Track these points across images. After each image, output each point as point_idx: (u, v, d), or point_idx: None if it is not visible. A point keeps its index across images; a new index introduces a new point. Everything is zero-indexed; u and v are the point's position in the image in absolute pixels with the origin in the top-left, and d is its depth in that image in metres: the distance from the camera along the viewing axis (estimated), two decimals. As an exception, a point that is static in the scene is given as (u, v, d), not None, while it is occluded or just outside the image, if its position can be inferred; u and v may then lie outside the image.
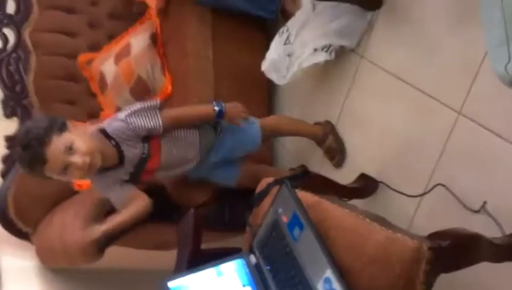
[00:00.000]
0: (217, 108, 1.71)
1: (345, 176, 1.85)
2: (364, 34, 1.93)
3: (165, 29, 2.44)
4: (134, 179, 1.67)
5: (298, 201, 1.13)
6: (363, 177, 1.83)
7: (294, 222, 1.12)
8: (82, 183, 2.06)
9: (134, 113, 1.62)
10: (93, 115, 2.45)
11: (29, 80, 2.36)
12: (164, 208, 1.88)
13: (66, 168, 1.47)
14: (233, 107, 1.75)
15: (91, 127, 1.64)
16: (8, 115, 2.25)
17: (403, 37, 1.77)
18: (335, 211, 1.15)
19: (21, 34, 2.40)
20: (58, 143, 1.46)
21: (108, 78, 2.42)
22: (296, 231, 1.11)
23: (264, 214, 1.24)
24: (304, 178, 1.43)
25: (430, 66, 1.66)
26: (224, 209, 2.04)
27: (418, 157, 1.67)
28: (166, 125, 1.65)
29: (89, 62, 2.51)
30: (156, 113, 1.64)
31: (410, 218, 1.67)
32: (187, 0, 2.25)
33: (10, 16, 2.42)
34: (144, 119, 1.62)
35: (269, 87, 2.39)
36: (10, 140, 2.20)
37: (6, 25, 2.39)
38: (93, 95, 2.52)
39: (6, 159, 2.15)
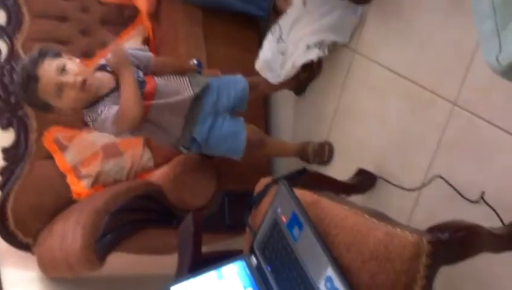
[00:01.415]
0: (195, 61, 1.90)
1: (342, 172, 1.84)
2: (356, 28, 1.92)
3: (157, 33, 2.44)
4: None
5: (297, 200, 1.13)
6: (361, 172, 1.83)
7: (294, 222, 1.12)
8: (81, 191, 2.06)
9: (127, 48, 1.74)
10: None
11: (24, 90, 2.34)
12: (164, 212, 1.88)
13: (60, 89, 1.55)
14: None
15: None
16: (4, 126, 2.24)
17: (395, 29, 1.77)
18: (334, 208, 1.15)
19: (13, 45, 2.39)
20: (51, 64, 1.56)
21: (103, 84, 2.41)
22: (296, 231, 1.11)
23: (263, 214, 1.24)
24: (302, 176, 1.43)
25: (424, 57, 1.66)
26: (224, 211, 2.04)
27: (415, 150, 1.67)
28: (155, 63, 1.81)
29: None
30: (146, 51, 1.83)
31: (410, 212, 1.66)
32: (177, 2, 2.24)
33: (1, 27, 2.41)
34: (135, 50, 1.79)
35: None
36: (7, 151, 2.20)
37: (-2, 37, 2.39)
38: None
39: (4, 171, 2.14)
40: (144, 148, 2.24)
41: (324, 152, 2.05)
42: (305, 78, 2.16)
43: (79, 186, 2.07)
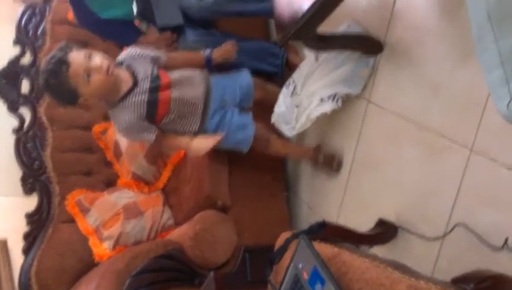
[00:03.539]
0: (206, 53, 2.05)
1: (362, 223, 1.82)
2: (369, 79, 1.95)
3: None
4: (153, 100, 1.83)
5: (317, 255, 1.12)
6: (381, 222, 1.81)
7: (316, 277, 1.10)
8: (103, 254, 2.07)
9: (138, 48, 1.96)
10: (110, 183, 2.48)
11: (47, 155, 2.41)
12: (185, 271, 1.87)
13: (88, 74, 1.70)
14: (220, 50, 2.08)
15: None
16: (28, 191, 2.28)
17: (407, 78, 1.78)
18: (355, 262, 1.13)
19: (36, 112, 2.47)
20: (79, 52, 1.73)
21: (122, 146, 2.47)
22: (318, 287, 1.09)
23: (284, 270, 1.22)
24: (321, 229, 1.42)
25: (437, 104, 1.66)
26: (246, 267, 2.02)
27: (435, 197, 1.65)
28: (167, 59, 1.98)
29: (104, 132, 2.57)
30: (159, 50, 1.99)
31: (433, 261, 1.63)
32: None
33: (25, 96, 2.50)
34: (147, 50, 1.94)
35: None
36: (30, 216, 2.23)
37: (22, 104, 2.47)
38: (109, 164, 2.56)
39: (28, 236, 2.17)
40: (164, 207, 2.26)
41: (333, 163, 2.10)
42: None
43: (101, 249, 2.09)
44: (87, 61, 1.70)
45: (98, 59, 1.73)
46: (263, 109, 2.12)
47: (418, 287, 0.97)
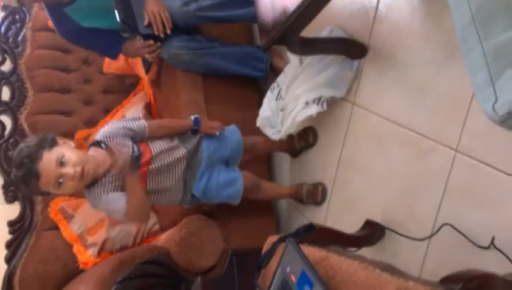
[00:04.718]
0: (193, 117, 1.90)
1: (350, 225, 1.83)
2: (354, 82, 1.96)
3: (159, 99, 2.49)
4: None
5: (305, 258, 1.11)
6: (369, 223, 1.81)
7: (304, 281, 1.10)
8: (87, 261, 2.04)
9: (121, 120, 1.81)
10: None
11: (28, 162, 2.36)
12: (171, 276, 1.85)
13: (59, 180, 1.57)
14: (207, 123, 1.96)
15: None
16: (10, 200, 2.25)
17: (392, 80, 1.80)
18: (344, 264, 1.13)
19: (17, 119, 2.44)
20: (49, 157, 1.56)
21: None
22: (307, 290, 1.09)
23: (272, 274, 1.22)
24: (309, 232, 1.41)
25: (422, 106, 1.67)
26: (233, 272, 2.01)
27: (421, 198, 1.66)
28: (150, 130, 1.81)
29: (86, 138, 2.53)
30: (140, 119, 1.83)
31: (421, 262, 1.64)
32: (177, 69, 2.29)
33: (6, 103, 2.46)
34: (130, 122, 1.79)
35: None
36: (13, 224, 2.19)
37: (3, 112, 2.43)
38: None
39: (10, 244, 2.13)
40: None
41: (317, 193, 2.12)
42: (301, 146, 2.23)
43: (85, 256, 2.06)
44: (59, 169, 1.56)
45: (70, 165, 1.57)
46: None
47: (407, 288, 0.97)
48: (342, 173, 2.04)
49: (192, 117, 1.91)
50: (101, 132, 1.76)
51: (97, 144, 1.73)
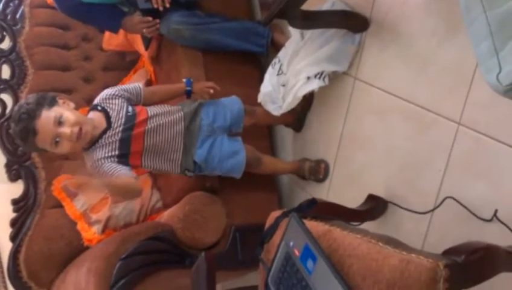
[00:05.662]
0: (185, 79, 1.98)
1: (352, 199, 1.83)
2: (356, 56, 1.94)
3: (159, 75, 2.47)
4: (126, 137, 1.74)
5: (308, 232, 1.11)
6: (371, 198, 1.82)
7: (307, 255, 1.10)
8: (92, 238, 2.06)
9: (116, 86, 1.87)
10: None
11: (31, 140, 2.36)
12: (175, 253, 1.87)
13: (57, 140, 1.60)
14: (201, 83, 2.03)
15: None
16: (13, 178, 2.25)
17: (394, 54, 1.78)
18: (346, 238, 1.13)
19: (18, 97, 2.43)
20: (47, 115, 1.59)
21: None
22: (310, 264, 1.09)
23: (275, 248, 1.22)
24: (312, 207, 1.41)
25: (424, 79, 1.66)
26: (236, 247, 2.02)
27: (424, 172, 1.66)
28: (145, 92, 1.89)
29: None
30: (136, 84, 1.90)
31: (423, 235, 1.64)
32: (177, 46, 2.27)
33: (6, 80, 2.45)
34: (125, 85, 1.87)
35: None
36: (17, 203, 2.21)
37: (3, 90, 2.42)
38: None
39: (15, 223, 2.15)
40: (153, 190, 2.24)
41: (320, 170, 2.12)
42: (300, 110, 2.21)
43: (90, 233, 2.07)
44: (56, 128, 1.58)
45: (68, 125, 1.60)
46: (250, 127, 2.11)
47: (410, 260, 0.97)
48: (344, 147, 2.03)
49: (184, 79, 1.96)
50: (98, 97, 1.83)
51: (94, 107, 1.79)
